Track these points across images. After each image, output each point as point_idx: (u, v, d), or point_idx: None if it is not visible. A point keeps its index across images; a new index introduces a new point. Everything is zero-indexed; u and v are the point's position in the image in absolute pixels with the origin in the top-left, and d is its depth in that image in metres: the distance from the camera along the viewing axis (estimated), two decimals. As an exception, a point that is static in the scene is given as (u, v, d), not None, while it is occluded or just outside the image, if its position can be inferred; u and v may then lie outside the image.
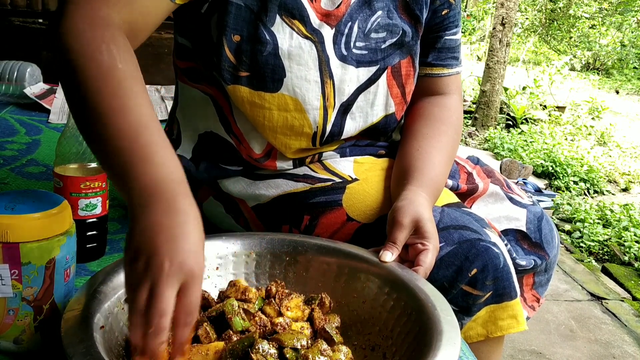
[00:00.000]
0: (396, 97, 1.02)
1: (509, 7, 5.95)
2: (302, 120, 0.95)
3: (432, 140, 1.01)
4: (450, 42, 1.07)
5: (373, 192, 0.97)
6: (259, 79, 0.91)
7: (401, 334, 0.72)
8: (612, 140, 6.23)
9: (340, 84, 0.96)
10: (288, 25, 0.90)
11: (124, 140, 0.65)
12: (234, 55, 0.90)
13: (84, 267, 0.91)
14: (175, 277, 0.56)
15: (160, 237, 0.58)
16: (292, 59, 0.91)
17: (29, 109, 1.86)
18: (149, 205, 0.61)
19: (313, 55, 0.92)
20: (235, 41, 0.90)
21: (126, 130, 0.65)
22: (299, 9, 0.90)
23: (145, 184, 0.62)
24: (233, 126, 0.98)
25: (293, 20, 0.90)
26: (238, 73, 0.91)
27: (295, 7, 0.90)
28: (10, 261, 0.65)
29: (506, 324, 0.93)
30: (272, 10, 0.89)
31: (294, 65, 0.91)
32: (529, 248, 1.10)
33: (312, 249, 0.83)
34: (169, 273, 0.56)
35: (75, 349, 0.58)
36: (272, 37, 0.89)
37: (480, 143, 5.81)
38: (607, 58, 11.03)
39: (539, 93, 6.98)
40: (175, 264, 0.57)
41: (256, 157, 0.99)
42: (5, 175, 1.28)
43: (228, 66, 0.91)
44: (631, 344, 2.52)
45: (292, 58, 0.91)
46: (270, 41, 0.89)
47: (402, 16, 0.99)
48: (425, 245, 0.83)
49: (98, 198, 0.91)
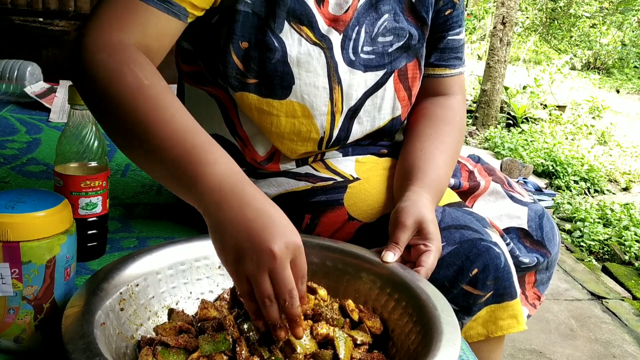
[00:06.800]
0: (403, 100, 1.02)
1: (510, 6, 5.95)
2: (310, 126, 0.95)
3: (436, 141, 1.01)
4: (454, 42, 1.06)
5: (374, 192, 0.97)
6: (268, 86, 0.91)
7: (402, 334, 0.72)
8: (613, 139, 6.23)
9: (348, 89, 0.96)
10: (296, 31, 0.90)
11: (174, 149, 0.67)
12: (241, 62, 0.90)
13: (84, 266, 0.91)
14: (287, 257, 0.62)
15: (253, 229, 0.62)
16: (301, 66, 0.90)
17: (30, 107, 1.86)
18: (223, 203, 0.64)
19: (322, 61, 0.92)
20: (243, 48, 0.89)
21: (172, 139, 0.67)
22: (307, 15, 0.90)
23: (211, 185, 0.65)
24: (238, 129, 0.98)
25: (301, 26, 0.90)
26: (246, 80, 0.90)
27: (304, 13, 0.89)
28: (10, 260, 0.65)
29: (506, 324, 0.93)
30: (281, 17, 0.88)
31: (302, 72, 0.91)
32: (530, 246, 1.10)
33: (314, 249, 0.83)
34: (281, 257, 0.61)
35: (76, 345, 0.58)
36: (280, 44, 0.89)
37: (481, 142, 5.80)
38: (608, 57, 11.03)
39: (539, 92, 6.98)
40: (282, 246, 0.62)
41: (260, 159, 0.99)
42: (5, 174, 1.28)
43: (235, 73, 0.90)
44: (631, 343, 2.52)
45: (301, 65, 0.90)
46: (279, 48, 0.89)
47: (409, 18, 0.98)
48: (427, 247, 0.83)
49: (98, 197, 0.90)
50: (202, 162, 0.66)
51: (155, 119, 0.68)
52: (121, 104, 0.69)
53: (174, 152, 0.67)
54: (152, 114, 0.68)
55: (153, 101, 0.70)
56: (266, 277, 0.62)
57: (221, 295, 0.80)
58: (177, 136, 0.67)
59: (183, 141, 0.67)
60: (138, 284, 0.73)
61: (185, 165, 0.66)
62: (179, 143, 0.67)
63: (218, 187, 0.65)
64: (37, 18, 2.22)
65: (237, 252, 0.62)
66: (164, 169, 0.68)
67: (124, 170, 1.38)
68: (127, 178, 1.33)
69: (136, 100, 0.69)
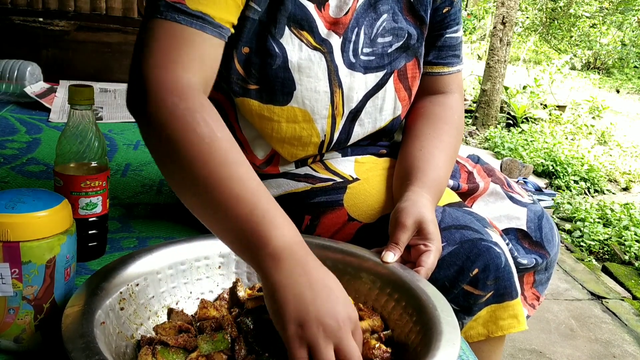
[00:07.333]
0: (403, 100, 1.02)
1: (510, 6, 5.95)
2: (310, 130, 0.95)
3: (435, 140, 1.01)
4: (452, 40, 1.06)
5: (374, 192, 0.97)
6: (269, 92, 0.90)
7: (401, 334, 0.72)
8: (613, 139, 6.22)
9: (349, 92, 0.95)
10: (297, 37, 0.89)
11: (244, 207, 0.66)
12: (242, 68, 0.89)
13: (84, 266, 0.91)
14: (349, 329, 0.63)
15: (319, 301, 0.62)
16: (302, 72, 0.90)
17: (30, 107, 1.86)
18: (290, 272, 0.64)
19: (322, 66, 0.92)
20: (244, 53, 0.89)
21: (244, 197, 0.67)
22: (307, 19, 0.90)
23: (277, 252, 0.64)
24: (238, 133, 0.98)
25: (302, 31, 0.90)
26: (247, 86, 0.90)
27: (304, 18, 0.89)
28: (10, 260, 0.65)
29: (507, 324, 0.93)
30: (281, 22, 0.88)
31: (303, 78, 0.90)
32: (529, 247, 1.10)
33: (314, 249, 0.83)
34: (346, 327, 0.62)
35: (75, 344, 0.58)
36: (281, 50, 0.89)
37: (481, 142, 5.80)
38: (608, 57, 11.02)
39: (539, 92, 6.97)
40: (346, 319, 0.63)
41: (259, 163, 0.99)
42: (5, 174, 1.28)
43: (237, 79, 0.90)
44: (631, 343, 2.52)
45: (302, 71, 0.90)
46: (280, 54, 0.88)
47: (407, 18, 0.98)
48: (427, 247, 0.83)
49: (98, 197, 0.90)
50: (272, 224, 0.66)
51: (229, 175, 0.68)
52: (194, 156, 0.68)
53: (244, 210, 0.66)
54: (225, 170, 0.68)
55: (225, 155, 0.69)
56: (332, 347, 0.61)
57: (221, 295, 0.80)
58: (249, 195, 0.67)
59: (257, 200, 0.67)
60: (138, 283, 0.73)
61: (254, 225, 0.66)
62: (251, 202, 0.67)
63: (284, 251, 0.65)
64: (37, 18, 2.22)
65: (302, 319, 0.61)
66: (229, 225, 0.67)
67: (124, 170, 1.38)
68: (127, 178, 1.33)
69: (209, 154, 0.68)
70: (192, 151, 0.68)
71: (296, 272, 0.64)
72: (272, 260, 0.64)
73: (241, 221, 0.66)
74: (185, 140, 0.69)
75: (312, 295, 0.62)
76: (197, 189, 0.69)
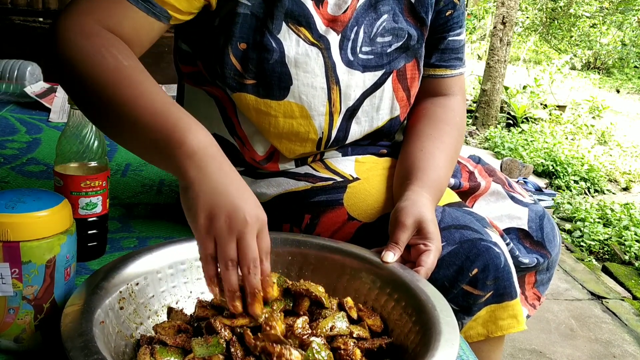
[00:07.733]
0: (401, 101, 1.02)
1: (510, 6, 5.95)
2: (308, 126, 0.95)
3: (436, 141, 1.01)
4: (454, 43, 1.06)
5: (374, 192, 0.97)
6: (266, 87, 0.91)
7: (401, 334, 0.72)
8: (613, 139, 6.22)
9: (347, 89, 0.96)
10: (294, 32, 0.90)
11: (156, 118, 0.69)
12: (239, 63, 0.90)
13: (84, 266, 0.91)
14: (255, 227, 0.66)
15: (231, 193, 0.66)
16: (298, 67, 0.90)
17: (30, 107, 1.86)
18: (204, 168, 0.67)
19: (320, 62, 0.92)
20: (241, 49, 0.89)
21: (156, 109, 0.70)
22: (305, 15, 0.90)
23: (191, 150, 0.67)
24: (237, 128, 0.98)
25: (299, 27, 0.90)
26: (243, 81, 0.91)
27: (302, 14, 0.90)
28: (10, 260, 0.65)
29: (506, 324, 0.93)
30: (279, 18, 0.88)
31: (300, 73, 0.91)
32: (530, 246, 1.10)
33: (314, 249, 0.83)
34: (252, 224, 0.65)
35: (74, 342, 0.58)
36: (278, 45, 0.89)
37: (481, 142, 5.80)
38: (608, 57, 11.02)
39: (539, 92, 6.97)
40: (253, 215, 0.66)
41: (259, 159, 0.99)
42: (5, 174, 1.28)
43: (233, 74, 0.90)
44: (631, 343, 2.52)
45: (298, 66, 0.90)
46: (277, 49, 0.89)
47: (408, 19, 0.98)
48: (427, 246, 0.83)
49: (98, 197, 0.90)
50: (184, 129, 0.69)
51: (138, 93, 0.71)
52: (102, 84, 0.71)
53: (158, 120, 0.69)
54: (135, 90, 0.71)
55: (134, 79, 0.72)
56: (234, 241, 0.65)
57: (221, 295, 0.80)
58: (162, 107, 0.70)
59: (168, 111, 0.70)
60: (138, 282, 0.73)
61: (169, 131, 0.68)
62: (164, 113, 0.70)
63: (199, 150, 0.68)
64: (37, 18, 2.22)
65: (211, 210, 0.65)
66: (147, 137, 0.70)
67: (124, 170, 1.38)
68: (127, 178, 1.33)
69: (117, 80, 0.72)
70: (101, 80, 0.72)
71: (210, 168, 0.67)
72: (188, 158, 0.67)
73: (156, 130, 0.69)
74: (93, 72, 0.72)
75: (224, 189, 0.66)
76: (113, 114, 0.72)
